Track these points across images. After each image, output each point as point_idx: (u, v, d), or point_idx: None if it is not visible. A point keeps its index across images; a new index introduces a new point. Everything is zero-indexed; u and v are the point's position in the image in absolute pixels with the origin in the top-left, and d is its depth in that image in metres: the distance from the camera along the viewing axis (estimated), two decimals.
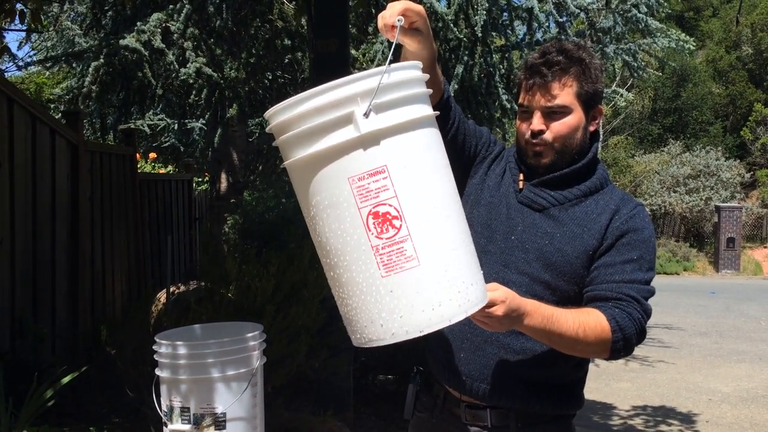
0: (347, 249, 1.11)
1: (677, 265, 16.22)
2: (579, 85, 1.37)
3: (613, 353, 1.31)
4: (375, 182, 1.07)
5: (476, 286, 1.15)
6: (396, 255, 1.08)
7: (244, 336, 1.65)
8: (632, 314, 1.31)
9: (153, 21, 5.22)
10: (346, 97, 1.06)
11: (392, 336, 1.11)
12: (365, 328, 1.13)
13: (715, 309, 9.98)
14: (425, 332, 1.10)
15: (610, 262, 1.36)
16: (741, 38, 23.82)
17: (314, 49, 3.93)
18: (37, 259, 3.51)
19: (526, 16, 6.15)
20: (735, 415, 4.85)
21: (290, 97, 1.12)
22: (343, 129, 1.06)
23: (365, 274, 1.10)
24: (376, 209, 1.07)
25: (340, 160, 1.07)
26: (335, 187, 1.09)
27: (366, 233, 1.08)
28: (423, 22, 1.24)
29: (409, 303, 1.09)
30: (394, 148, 1.08)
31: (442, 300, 1.10)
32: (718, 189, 17.72)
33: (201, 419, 1.58)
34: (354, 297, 1.13)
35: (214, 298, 3.03)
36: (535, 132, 1.38)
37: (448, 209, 1.13)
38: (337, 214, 1.10)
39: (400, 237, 1.08)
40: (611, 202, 1.41)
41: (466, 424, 1.43)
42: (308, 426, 3.10)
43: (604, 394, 5.36)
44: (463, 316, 1.11)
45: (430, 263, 1.09)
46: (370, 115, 1.05)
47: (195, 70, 5.39)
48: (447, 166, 1.17)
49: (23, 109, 3.37)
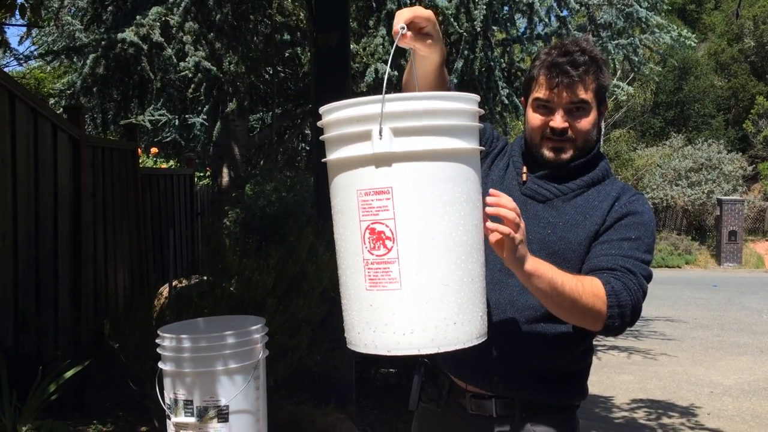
0: (347, 254, 1.17)
1: (679, 259, 16.22)
2: (597, 84, 1.40)
3: (608, 321, 1.27)
4: (378, 200, 1.11)
5: (460, 326, 1.14)
6: (382, 273, 1.12)
7: (246, 329, 1.66)
8: (628, 284, 1.29)
9: (152, 15, 5.21)
10: (370, 114, 1.10)
11: (365, 347, 1.16)
12: (349, 332, 1.20)
13: (717, 302, 9.99)
14: (392, 353, 1.13)
15: (608, 239, 1.37)
16: (743, 31, 23.73)
17: (315, 43, 3.93)
18: (40, 253, 3.51)
19: (526, 10, 6.13)
20: (736, 407, 4.87)
21: (336, 102, 1.16)
22: (362, 143, 1.11)
23: (354, 282, 1.16)
24: (374, 226, 1.11)
25: (354, 172, 1.13)
26: (347, 196, 1.14)
27: (361, 245, 1.13)
28: (432, 26, 1.26)
29: (383, 322, 1.13)
30: (403, 173, 1.10)
31: (414, 328, 1.12)
32: (720, 182, 17.70)
33: (204, 412, 1.59)
34: (345, 299, 1.20)
35: (215, 292, 3.04)
36: (558, 130, 1.39)
37: (451, 244, 1.13)
38: (345, 220, 1.15)
39: (389, 258, 1.11)
40: (612, 191, 1.44)
41: (472, 414, 1.45)
42: (310, 419, 3.12)
43: (606, 386, 5.37)
44: (433, 351, 1.13)
45: (411, 291, 1.11)
46: (385, 137, 1.08)
47: (194, 65, 5.38)
48: (466, 202, 1.15)
49: (25, 104, 3.37)
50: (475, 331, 1.18)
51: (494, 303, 1.40)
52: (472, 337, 1.17)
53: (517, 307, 1.39)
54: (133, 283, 4.87)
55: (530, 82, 1.44)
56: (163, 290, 4.71)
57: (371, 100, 1.10)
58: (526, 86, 1.47)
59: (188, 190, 6.67)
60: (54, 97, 7.25)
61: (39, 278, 3.50)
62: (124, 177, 4.80)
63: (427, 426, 1.56)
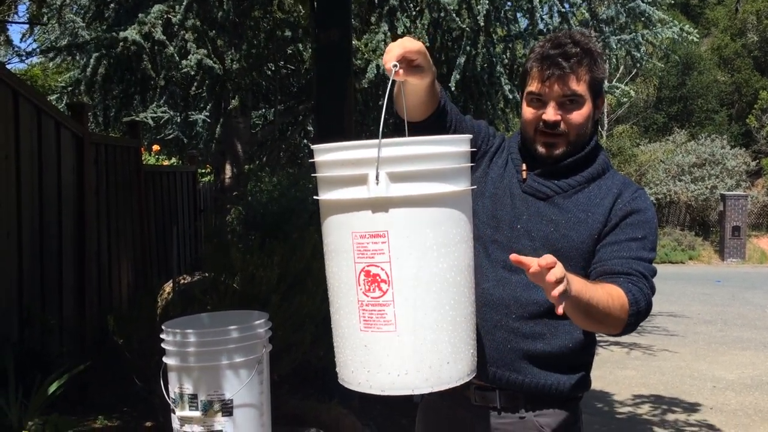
0: (340, 294, 1.17)
1: (682, 254, 16.19)
2: (591, 76, 1.39)
3: (626, 327, 1.32)
4: (374, 243, 1.11)
5: (453, 365, 1.16)
6: (377, 315, 1.13)
7: (251, 324, 1.67)
8: (643, 290, 1.33)
9: (154, 13, 5.21)
10: (366, 158, 1.10)
11: (358, 385, 1.17)
12: (341, 368, 1.21)
13: (720, 297, 9.98)
14: (386, 393, 1.15)
15: (616, 240, 1.38)
16: (746, 26, 23.63)
17: (316, 40, 3.93)
18: (44, 250, 3.53)
19: (527, 6, 6.11)
20: (739, 402, 4.87)
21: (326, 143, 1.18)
22: (358, 187, 1.11)
23: (348, 321, 1.16)
24: (369, 268, 1.12)
25: (349, 214, 1.13)
26: (341, 236, 1.15)
27: (356, 287, 1.13)
28: (423, 58, 1.26)
29: (378, 362, 1.14)
30: (399, 218, 1.11)
31: (409, 369, 1.13)
32: (724, 177, 17.64)
33: (209, 406, 1.60)
34: (338, 338, 1.21)
35: (219, 288, 3.05)
36: (551, 123, 1.39)
37: (445, 285, 1.14)
38: (339, 260, 1.16)
39: (384, 300, 1.12)
40: (614, 186, 1.44)
41: (476, 406, 1.46)
42: (314, 413, 3.13)
43: (609, 381, 5.38)
44: (427, 391, 1.15)
45: (406, 333, 1.12)
46: (382, 182, 1.09)
47: (196, 62, 5.38)
48: (460, 243, 1.17)
49: (28, 102, 3.38)
50: (467, 368, 1.20)
51: (498, 300, 1.40)
52: (463, 375, 1.19)
53: (521, 303, 1.40)
54: (136, 280, 4.88)
55: (525, 76, 1.44)
56: (166, 287, 4.73)
57: (367, 144, 1.11)
58: (522, 80, 1.47)
59: (191, 187, 6.68)
60: (55, 93, 7.25)
61: (43, 275, 3.51)
62: (128, 174, 4.81)
63: (432, 419, 1.57)
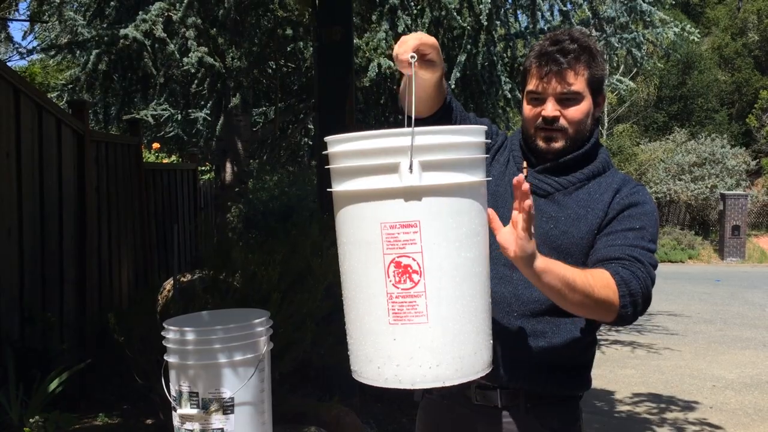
0: (362, 287, 1.15)
1: (682, 253, 16.18)
2: (590, 73, 1.39)
3: (621, 311, 1.27)
4: (405, 234, 1.10)
5: (478, 355, 1.16)
6: (407, 307, 1.11)
7: (251, 322, 1.67)
8: (636, 273, 1.29)
9: (155, 10, 5.21)
10: (398, 147, 1.09)
11: (385, 381, 1.15)
12: (363, 366, 1.18)
13: (720, 296, 9.98)
14: (416, 387, 1.13)
15: (612, 230, 1.38)
16: (747, 25, 23.62)
17: (318, 38, 3.93)
18: (45, 248, 3.53)
19: (529, 5, 6.12)
20: (739, 401, 4.87)
21: (353, 132, 1.15)
22: (389, 176, 1.09)
23: (373, 316, 1.14)
24: (400, 259, 1.10)
25: (379, 204, 1.11)
26: (367, 227, 1.12)
27: (384, 278, 1.11)
28: (436, 52, 1.26)
29: (408, 355, 1.12)
30: (431, 207, 1.10)
31: (441, 361, 1.12)
32: (724, 177, 17.64)
33: (209, 404, 1.60)
34: (359, 333, 1.17)
35: (219, 287, 3.05)
36: (549, 118, 1.39)
37: (470, 275, 1.15)
38: (363, 252, 1.13)
39: (415, 291, 1.10)
40: (614, 183, 1.44)
41: (477, 405, 1.46)
42: (315, 412, 3.13)
43: (609, 380, 5.38)
44: (457, 382, 1.14)
45: (438, 324, 1.11)
46: (414, 171, 1.08)
47: (197, 60, 5.38)
48: (481, 233, 1.18)
49: (29, 99, 3.38)
50: (488, 358, 1.20)
51: (499, 297, 1.40)
52: (485, 366, 1.19)
53: (522, 300, 1.40)
54: (137, 278, 4.89)
55: (525, 75, 1.45)
56: (167, 284, 4.73)
57: (397, 133, 1.10)
58: (522, 79, 1.48)
59: (192, 185, 6.68)
60: (56, 90, 7.25)
61: (44, 272, 3.51)
62: (128, 172, 4.81)
63: (433, 417, 1.57)
